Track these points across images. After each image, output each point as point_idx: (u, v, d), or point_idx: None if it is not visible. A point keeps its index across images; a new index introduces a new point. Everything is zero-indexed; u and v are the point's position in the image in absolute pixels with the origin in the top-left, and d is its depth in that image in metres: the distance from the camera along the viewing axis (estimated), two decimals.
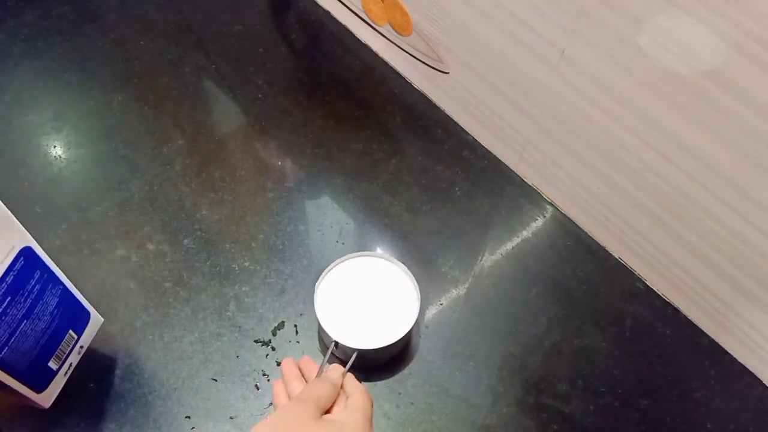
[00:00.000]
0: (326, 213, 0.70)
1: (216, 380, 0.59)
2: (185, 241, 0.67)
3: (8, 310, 0.47)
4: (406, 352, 0.61)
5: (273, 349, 0.61)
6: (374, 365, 0.60)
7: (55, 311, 0.53)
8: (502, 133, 0.72)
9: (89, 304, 0.57)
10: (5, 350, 0.48)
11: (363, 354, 0.56)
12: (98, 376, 0.58)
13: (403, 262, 0.61)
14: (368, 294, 0.60)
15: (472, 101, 0.73)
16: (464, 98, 0.74)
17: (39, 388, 0.54)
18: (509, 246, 0.69)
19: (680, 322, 0.65)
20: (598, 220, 0.68)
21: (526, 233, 0.70)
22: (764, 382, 0.61)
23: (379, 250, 0.67)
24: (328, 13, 0.88)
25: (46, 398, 0.55)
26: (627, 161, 0.60)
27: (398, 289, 0.60)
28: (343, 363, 0.57)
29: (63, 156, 0.73)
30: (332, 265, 0.61)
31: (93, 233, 0.67)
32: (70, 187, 0.70)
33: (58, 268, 0.52)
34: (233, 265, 0.65)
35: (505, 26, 0.62)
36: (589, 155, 0.63)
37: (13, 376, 0.49)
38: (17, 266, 0.48)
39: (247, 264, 0.65)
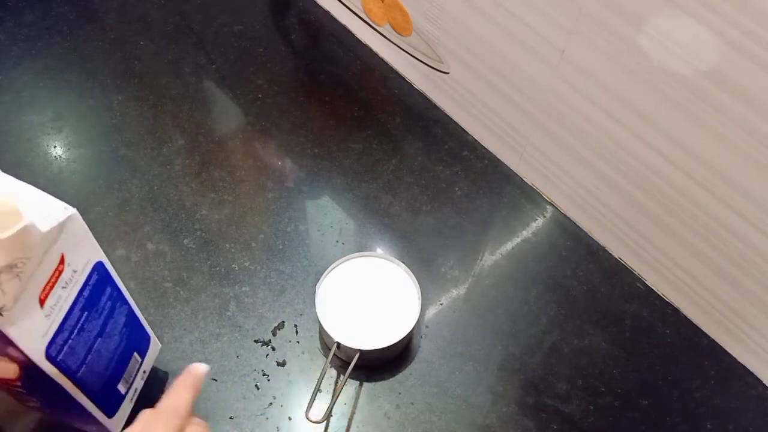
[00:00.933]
0: (326, 213, 0.70)
1: (216, 380, 0.59)
2: (185, 241, 0.67)
3: (85, 326, 0.46)
4: (407, 352, 0.61)
5: (273, 349, 0.61)
6: (375, 365, 0.60)
7: (124, 330, 0.51)
8: (502, 133, 0.72)
9: (149, 328, 0.56)
10: (83, 368, 0.46)
11: (364, 354, 0.56)
12: None
13: (403, 262, 0.61)
14: (369, 294, 0.60)
15: (472, 101, 0.73)
16: (464, 98, 0.74)
17: (111, 411, 0.52)
18: (509, 246, 0.69)
19: (680, 322, 0.65)
20: (598, 220, 0.68)
21: (526, 233, 0.70)
22: (764, 382, 0.61)
23: (379, 250, 0.67)
24: (328, 13, 0.88)
25: (116, 424, 0.53)
26: (627, 161, 0.60)
27: (399, 289, 0.60)
28: (345, 363, 0.57)
29: (63, 156, 0.73)
30: (333, 265, 0.61)
31: (93, 233, 0.67)
32: (70, 187, 0.70)
33: (124, 287, 0.51)
34: (233, 265, 0.65)
35: (505, 26, 0.62)
36: (589, 155, 0.63)
37: (89, 397, 0.48)
38: (92, 281, 0.46)
39: (247, 264, 0.66)
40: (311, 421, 0.54)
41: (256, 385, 0.59)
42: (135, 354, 0.54)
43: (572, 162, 0.66)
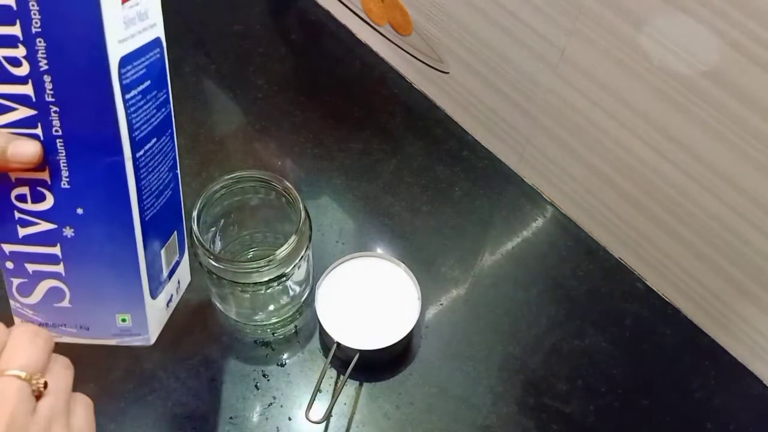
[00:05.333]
0: (326, 213, 0.70)
1: (216, 380, 0.59)
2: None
3: (146, 110, 0.36)
4: (407, 352, 0.61)
5: (273, 349, 0.61)
6: (375, 365, 0.60)
7: (171, 176, 0.40)
8: (502, 133, 0.72)
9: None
10: (143, 168, 0.34)
11: (364, 354, 0.56)
12: (97, 375, 0.58)
13: (403, 262, 0.61)
14: (369, 294, 0.60)
15: (472, 101, 0.73)
16: (464, 98, 0.74)
17: (155, 287, 0.40)
18: (509, 246, 0.69)
19: (680, 322, 0.65)
20: (598, 220, 0.68)
21: (526, 233, 0.70)
22: (764, 382, 0.61)
23: (379, 250, 0.67)
24: (328, 13, 0.87)
25: (154, 322, 0.41)
26: (627, 161, 0.60)
27: (399, 289, 0.60)
28: (345, 363, 0.57)
29: None
30: (333, 265, 0.61)
31: None
32: None
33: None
34: None
35: (505, 26, 0.62)
36: (589, 155, 0.63)
37: (142, 222, 0.35)
38: (153, 53, 0.38)
39: None
40: (311, 421, 0.54)
41: (256, 385, 0.59)
42: (176, 233, 0.43)
43: (572, 162, 0.66)
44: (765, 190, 0.51)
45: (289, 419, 0.57)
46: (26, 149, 0.33)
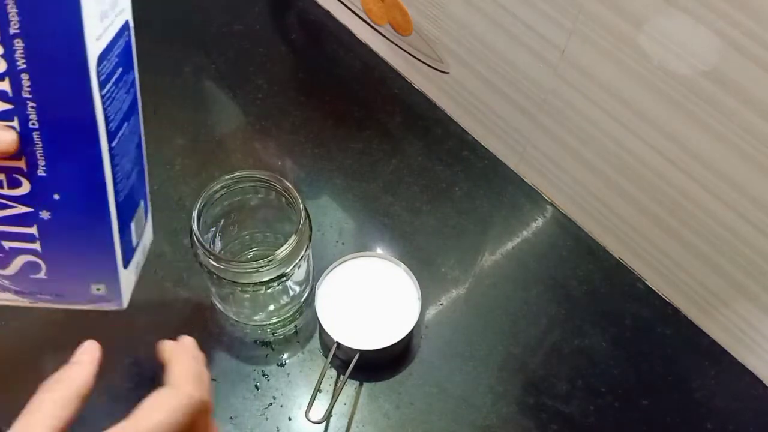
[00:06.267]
0: (326, 213, 0.70)
1: (216, 380, 0.59)
2: (185, 242, 0.67)
3: (117, 94, 0.36)
4: (406, 352, 0.61)
5: (273, 349, 0.61)
6: (375, 365, 0.60)
7: (137, 152, 0.41)
8: (502, 133, 0.72)
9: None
10: (116, 147, 0.35)
11: (364, 354, 0.56)
12: (98, 376, 0.58)
13: (403, 262, 0.61)
14: (369, 294, 0.60)
15: (472, 101, 0.73)
16: (464, 98, 0.74)
17: (127, 256, 0.41)
18: (509, 246, 0.69)
19: (680, 322, 0.65)
20: (598, 220, 0.68)
21: (526, 233, 0.70)
22: (764, 382, 0.61)
23: (379, 250, 0.67)
24: (328, 13, 0.87)
25: (126, 288, 0.43)
26: (627, 161, 0.60)
27: (399, 288, 0.60)
28: (345, 363, 0.57)
29: None
30: (333, 265, 0.61)
31: None
32: None
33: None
34: None
35: (505, 26, 0.62)
36: (589, 155, 0.63)
37: (117, 202, 0.37)
38: (123, 38, 0.37)
39: None
40: (311, 421, 0.54)
41: (256, 386, 0.59)
42: (142, 203, 0.44)
43: (572, 162, 0.66)
44: (765, 190, 0.51)
45: (289, 419, 0.57)
46: (1, 138, 0.33)
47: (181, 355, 0.39)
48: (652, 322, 0.64)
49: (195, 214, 0.52)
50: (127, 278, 0.44)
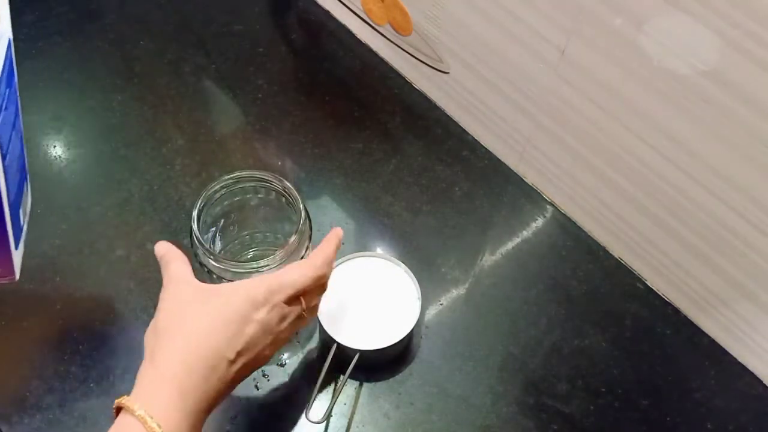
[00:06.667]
0: (326, 213, 0.70)
1: None
2: (185, 242, 0.66)
3: (6, 106, 0.40)
4: (406, 352, 0.61)
5: None
6: (374, 365, 0.60)
7: (21, 146, 0.45)
8: (502, 133, 0.72)
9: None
10: (7, 156, 0.40)
11: (364, 354, 0.56)
12: (99, 376, 0.58)
13: (403, 262, 0.61)
14: (369, 294, 0.60)
15: (472, 101, 0.73)
16: (464, 98, 0.74)
17: (17, 238, 0.47)
18: (509, 246, 0.69)
19: (680, 322, 0.65)
20: (598, 220, 0.68)
21: (526, 233, 0.70)
22: (764, 382, 0.61)
23: (379, 250, 0.67)
24: (328, 13, 0.87)
25: (18, 262, 0.49)
26: (627, 161, 0.60)
27: (399, 288, 0.60)
28: (345, 363, 0.57)
29: (63, 156, 0.73)
30: (333, 265, 0.60)
31: (93, 233, 0.67)
32: (69, 187, 0.70)
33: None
34: None
35: (505, 26, 0.62)
36: (589, 155, 0.63)
37: (8, 201, 0.42)
38: (7, 57, 0.41)
39: None
40: (311, 421, 0.54)
41: (256, 386, 0.59)
42: (27, 183, 0.49)
43: (572, 162, 0.66)
44: (765, 190, 0.51)
45: (289, 419, 0.57)
46: None
47: (333, 243, 0.50)
48: (652, 322, 0.64)
49: (195, 214, 0.52)
50: (19, 255, 0.51)
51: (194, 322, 0.42)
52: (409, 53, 0.78)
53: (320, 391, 0.58)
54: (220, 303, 0.43)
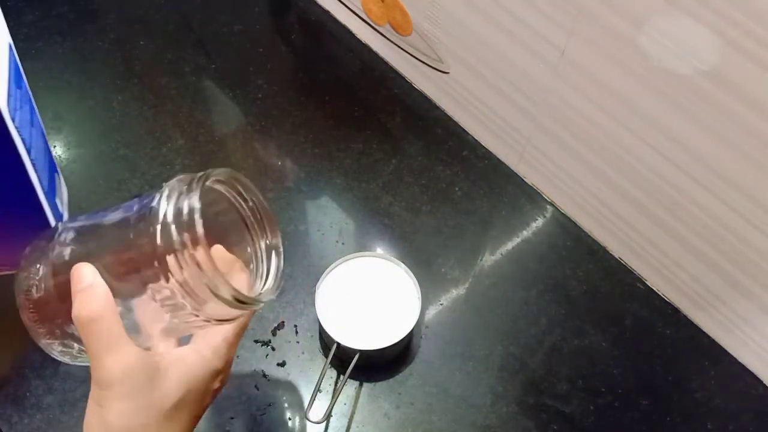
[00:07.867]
0: (326, 213, 0.70)
1: None
2: None
3: (22, 106, 0.42)
4: (407, 352, 0.61)
5: (273, 349, 0.61)
6: (375, 365, 0.60)
7: (45, 142, 0.48)
8: (502, 133, 0.72)
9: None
10: (32, 151, 0.42)
11: (364, 354, 0.56)
12: None
13: (403, 262, 0.61)
14: (369, 294, 0.60)
15: (472, 101, 0.73)
16: (464, 98, 0.74)
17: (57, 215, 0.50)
18: (509, 246, 0.69)
19: (680, 322, 0.65)
20: (598, 220, 0.68)
21: (526, 233, 0.70)
22: (764, 382, 0.61)
23: (379, 250, 0.67)
24: (328, 13, 0.88)
25: None
26: (627, 161, 0.60)
27: (399, 289, 0.60)
28: (345, 363, 0.57)
29: (63, 156, 0.73)
30: (333, 265, 0.61)
31: None
32: (69, 187, 0.70)
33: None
34: None
35: (505, 26, 0.62)
36: (589, 155, 0.63)
37: (44, 192, 0.44)
38: (13, 59, 0.43)
39: None
40: (311, 421, 0.54)
41: (255, 386, 0.59)
42: (58, 175, 0.51)
43: (572, 162, 0.66)
44: (765, 190, 0.51)
45: (289, 419, 0.57)
46: None
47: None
48: (652, 322, 0.64)
49: None
50: None
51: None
52: (409, 53, 0.78)
53: (320, 391, 0.58)
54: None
